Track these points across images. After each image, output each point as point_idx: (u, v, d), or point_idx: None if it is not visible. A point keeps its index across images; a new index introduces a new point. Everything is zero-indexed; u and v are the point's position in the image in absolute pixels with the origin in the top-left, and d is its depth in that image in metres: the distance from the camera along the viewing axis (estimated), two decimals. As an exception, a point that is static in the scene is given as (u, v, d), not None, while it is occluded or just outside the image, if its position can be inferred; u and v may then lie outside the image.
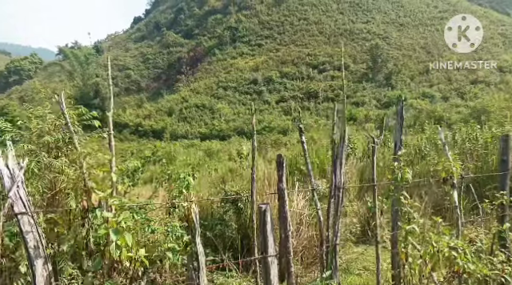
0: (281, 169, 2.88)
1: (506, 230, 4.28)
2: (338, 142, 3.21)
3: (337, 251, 3.26)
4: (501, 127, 8.87)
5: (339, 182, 3.20)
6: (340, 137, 3.21)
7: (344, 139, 3.18)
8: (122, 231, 2.06)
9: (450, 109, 44.67)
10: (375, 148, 3.38)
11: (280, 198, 2.94)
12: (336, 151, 3.20)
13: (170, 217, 4.70)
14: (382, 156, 9.36)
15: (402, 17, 72.73)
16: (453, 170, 3.74)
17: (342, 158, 3.19)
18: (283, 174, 2.88)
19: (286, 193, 2.90)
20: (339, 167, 3.18)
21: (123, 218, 2.02)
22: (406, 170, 3.11)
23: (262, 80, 63.93)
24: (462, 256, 3.52)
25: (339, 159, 3.18)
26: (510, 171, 4.46)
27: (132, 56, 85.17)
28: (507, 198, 4.27)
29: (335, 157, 3.20)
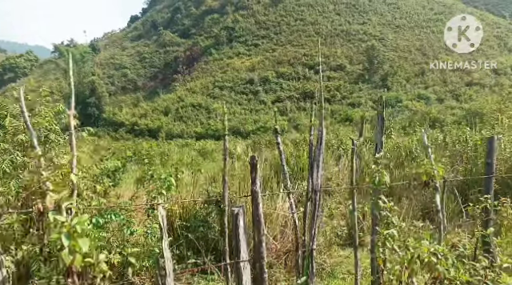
0: (254, 171, 2.79)
1: (489, 234, 4.19)
2: (316, 144, 3.12)
3: (313, 256, 3.17)
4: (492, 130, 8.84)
5: (316, 185, 3.11)
6: (318, 138, 3.12)
7: (322, 141, 3.10)
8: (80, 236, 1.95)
9: (444, 111, 44.70)
10: (354, 150, 3.30)
11: (253, 201, 2.85)
12: (314, 153, 3.12)
13: (149, 218, 4.59)
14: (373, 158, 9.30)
15: (398, 18, 72.89)
16: (434, 173, 3.65)
17: (320, 160, 3.10)
18: (256, 177, 2.79)
19: (259, 196, 2.81)
20: (316, 170, 3.10)
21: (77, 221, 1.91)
22: (383, 173, 3.02)
23: (258, 80, 63.90)
24: (443, 262, 3.43)
25: (316, 162, 3.10)
26: (494, 174, 4.38)
27: (129, 55, 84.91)
28: (491, 202, 4.19)
29: (312, 159, 3.12)
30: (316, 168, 3.10)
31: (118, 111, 61.88)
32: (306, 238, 3.21)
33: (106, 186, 4.86)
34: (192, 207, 5.45)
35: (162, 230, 2.50)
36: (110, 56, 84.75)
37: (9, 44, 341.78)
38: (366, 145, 12.24)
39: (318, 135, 3.10)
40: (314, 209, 3.11)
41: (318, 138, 3.10)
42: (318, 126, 3.34)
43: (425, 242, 3.46)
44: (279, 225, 5.58)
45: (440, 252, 3.41)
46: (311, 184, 3.13)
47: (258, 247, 2.84)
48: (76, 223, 1.95)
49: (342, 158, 11.61)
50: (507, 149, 7.82)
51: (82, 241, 1.95)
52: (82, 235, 2.00)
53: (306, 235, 3.21)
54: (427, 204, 7.62)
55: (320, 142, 3.09)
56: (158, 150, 28.46)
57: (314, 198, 3.10)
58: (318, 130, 3.11)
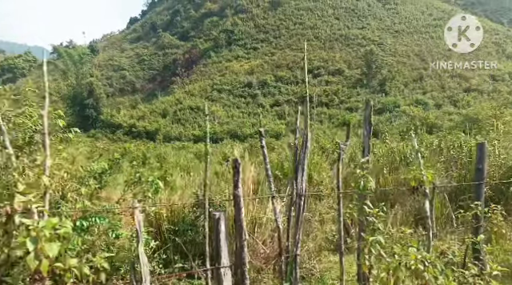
0: (237, 174, 2.73)
1: (480, 241, 4.13)
2: (301, 148, 3.06)
3: (297, 262, 3.10)
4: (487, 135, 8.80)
5: (301, 189, 3.05)
6: (302, 142, 3.06)
7: (307, 144, 3.04)
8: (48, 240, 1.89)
9: (442, 116, 44.74)
10: (341, 154, 3.24)
11: (235, 206, 2.79)
12: (298, 157, 3.06)
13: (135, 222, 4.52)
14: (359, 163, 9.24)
15: (397, 24, 73.05)
16: (423, 178, 3.60)
17: (304, 164, 3.04)
18: (239, 180, 2.73)
19: (241, 200, 2.75)
20: (301, 174, 3.03)
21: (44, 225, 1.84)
22: (368, 178, 2.96)
23: (256, 83, 63.87)
24: (430, 269, 3.37)
25: (301, 165, 3.03)
26: (485, 181, 4.33)
27: (127, 57, 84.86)
28: (481, 208, 4.13)
29: (297, 163, 3.05)
30: (300, 172, 3.04)
31: (115, 113, 61.72)
32: (289, 243, 3.15)
33: (92, 189, 4.78)
34: (180, 211, 5.38)
35: (137, 235, 2.44)
36: (108, 57, 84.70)
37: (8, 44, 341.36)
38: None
39: (303, 139, 3.04)
40: (298, 213, 3.04)
41: (303, 141, 3.04)
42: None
43: (412, 249, 3.40)
44: (269, 229, 5.52)
45: (427, 259, 3.35)
46: (295, 188, 3.06)
47: (239, 253, 2.78)
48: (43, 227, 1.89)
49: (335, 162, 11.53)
50: (501, 155, 7.77)
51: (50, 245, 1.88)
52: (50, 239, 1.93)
53: (289, 240, 3.15)
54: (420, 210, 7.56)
55: (305, 145, 3.03)
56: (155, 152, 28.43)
57: (298, 202, 3.03)
58: (303, 133, 3.05)
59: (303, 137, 3.05)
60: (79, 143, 39.64)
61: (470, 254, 4.35)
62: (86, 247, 4.35)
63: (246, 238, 2.78)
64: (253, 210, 5.63)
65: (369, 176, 2.92)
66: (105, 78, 77.09)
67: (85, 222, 4.25)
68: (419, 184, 3.62)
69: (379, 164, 8.99)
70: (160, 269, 4.92)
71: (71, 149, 14.77)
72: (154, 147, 37.13)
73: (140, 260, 2.46)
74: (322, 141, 13.29)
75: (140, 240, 2.45)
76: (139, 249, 2.45)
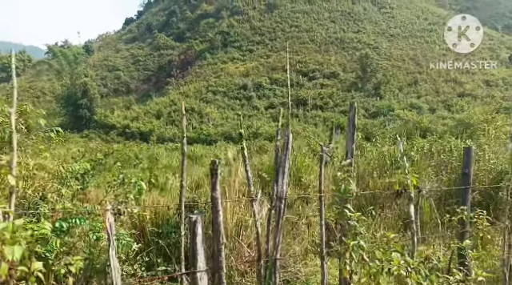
0: (215, 176, 2.66)
1: (465, 247, 4.08)
2: (282, 150, 3.00)
3: (277, 266, 3.03)
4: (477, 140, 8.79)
5: (281, 192, 2.98)
6: (284, 144, 3.00)
7: (288, 147, 2.98)
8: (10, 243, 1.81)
9: (436, 121, 44.87)
10: (323, 157, 3.18)
11: (213, 208, 2.72)
12: (279, 159, 2.99)
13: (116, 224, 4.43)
14: (356, 166, 9.19)
15: (393, 28, 73.37)
16: (408, 182, 3.55)
17: (285, 166, 2.98)
18: (217, 182, 2.66)
19: (219, 203, 2.68)
20: (281, 176, 2.97)
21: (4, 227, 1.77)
22: (349, 181, 2.90)
23: (251, 86, 63.82)
24: (414, 275, 3.31)
25: (282, 168, 2.97)
26: (471, 185, 4.29)
27: (122, 57, 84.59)
28: (467, 213, 4.09)
29: (278, 165, 2.99)
30: (281, 174, 2.97)
31: (109, 114, 61.43)
32: (269, 246, 3.08)
33: (74, 190, 4.69)
34: (165, 213, 5.30)
35: (109, 238, 2.36)
36: (103, 58, 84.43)
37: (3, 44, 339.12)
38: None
39: (285, 141, 2.97)
40: (278, 217, 2.98)
41: (285, 143, 2.98)
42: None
43: (396, 255, 3.35)
44: (254, 232, 5.44)
45: (411, 265, 3.30)
46: (276, 191, 3.00)
47: (216, 257, 2.71)
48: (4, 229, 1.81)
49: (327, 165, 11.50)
50: (491, 160, 7.76)
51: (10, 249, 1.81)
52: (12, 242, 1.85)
53: (269, 244, 3.08)
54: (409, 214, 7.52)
55: (286, 148, 2.97)
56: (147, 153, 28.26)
57: (278, 205, 2.97)
58: (285, 135, 2.99)
59: (285, 139, 2.99)
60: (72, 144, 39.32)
61: (455, 259, 4.31)
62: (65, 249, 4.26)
63: (224, 241, 2.71)
64: (239, 212, 5.57)
65: (350, 179, 2.86)
66: (99, 78, 76.81)
67: (64, 223, 4.16)
68: (403, 188, 3.57)
69: (369, 167, 8.95)
70: (142, 272, 4.84)
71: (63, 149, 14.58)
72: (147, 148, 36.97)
73: (111, 264, 2.38)
74: (313, 143, 13.24)
75: (111, 243, 2.37)
76: (110, 252, 2.37)
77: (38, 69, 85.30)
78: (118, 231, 4.43)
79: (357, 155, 10.91)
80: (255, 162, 15.60)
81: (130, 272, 4.51)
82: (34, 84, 77.71)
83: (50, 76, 79.41)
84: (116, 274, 2.39)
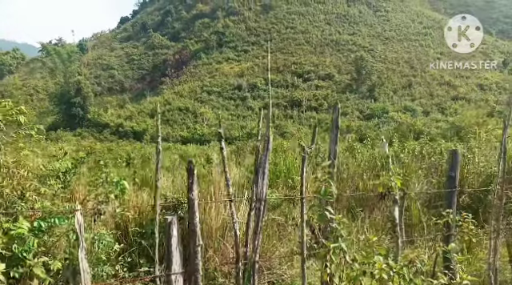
0: (191, 177, 2.59)
1: (450, 250, 4.03)
2: (262, 150, 2.93)
3: (255, 270, 2.97)
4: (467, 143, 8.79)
5: (260, 193, 2.92)
6: (264, 144, 2.93)
7: (268, 147, 2.91)
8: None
9: (430, 123, 45.05)
10: (305, 158, 3.12)
11: (189, 209, 2.65)
12: (259, 160, 2.93)
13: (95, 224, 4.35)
14: (347, 167, 9.15)
15: (388, 31, 73.64)
16: (392, 184, 3.49)
17: (266, 167, 2.91)
18: (194, 183, 2.59)
19: (195, 204, 2.61)
20: (261, 177, 2.91)
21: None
22: (330, 182, 2.84)
23: (246, 86, 63.77)
24: (396, 278, 3.25)
25: (262, 169, 2.90)
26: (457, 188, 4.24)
27: (117, 56, 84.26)
28: (453, 216, 4.04)
29: (257, 166, 2.92)
30: (261, 176, 2.91)
31: (103, 112, 61.12)
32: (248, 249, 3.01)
33: (55, 188, 4.59)
34: (149, 213, 5.20)
35: (78, 239, 2.29)
36: (97, 56, 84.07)
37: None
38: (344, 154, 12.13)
39: (265, 141, 2.91)
40: (257, 218, 2.91)
41: (265, 144, 2.91)
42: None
43: (378, 258, 3.29)
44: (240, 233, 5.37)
45: (393, 268, 3.24)
46: (255, 192, 2.93)
47: (192, 259, 2.63)
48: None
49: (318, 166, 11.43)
50: (481, 163, 7.74)
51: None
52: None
53: (248, 247, 3.02)
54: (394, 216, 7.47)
55: (266, 148, 2.91)
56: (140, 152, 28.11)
57: (257, 207, 2.90)
58: (265, 135, 2.93)
59: (265, 139, 2.93)
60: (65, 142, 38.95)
61: (440, 263, 4.26)
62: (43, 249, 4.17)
63: (201, 243, 2.64)
64: (224, 213, 5.49)
65: (330, 181, 2.80)
66: (93, 76, 76.47)
67: (43, 222, 4.06)
68: (387, 190, 3.52)
69: (360, 169, 8.90)
70: (124, 272, 4.74)
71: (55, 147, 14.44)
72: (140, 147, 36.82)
73: (80, 266, 2.30)
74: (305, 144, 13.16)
75: (80, 245, 2.29)
76: (79, 254, 2.29)
77: (31, 67, 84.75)
78: (99, 231, 4.35)
79: (347, 157, 10.88)
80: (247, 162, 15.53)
81: (110, 273, 4.42)
82: (28, 82, 77.20)
83: (43, 74, 78.97)
84: (86, 276, 2.31)
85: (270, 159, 2.89)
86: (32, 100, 72.46)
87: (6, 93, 66.70)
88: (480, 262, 5.59)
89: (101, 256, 4.34)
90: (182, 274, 2.60)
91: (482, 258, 5.83)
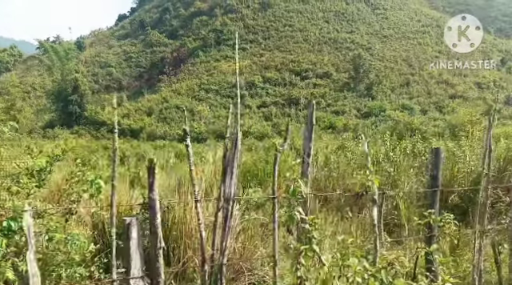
0: (152, 176, 2.47)
1: (432, 252, 3.92)
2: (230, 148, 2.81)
3: (223, 273, 2.85)
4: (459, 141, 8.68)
5: (229, 193, 2.80)
6: (232, 141, 2.81)
7: (237, 144, 2.79)
8: None
9: (427, 122, 44.99)
10: (277, 156, 3.00)
11: (150, 210, 2.53)
12: (227, 158, 2.81)
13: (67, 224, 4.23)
14: (337, 165, 9.04)
15: (386, 29, 73.49)
16: (370, 184, 3.37)
17: (234, 165, 2.79)
18: (154, 182, 2.47)
19: (157, 204, 2.49)
20: (229, 176, 2.79)
21: None
22: (299, 182, 2.72)
23: (244, 84, 63.58)
24: (372, 282, 3.14)
25: (230, 167, 2.79)
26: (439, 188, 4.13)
27: (114, 53, 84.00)
28: (435, 217, 3.92)
29: (225, 164, 2.81)
30: (229, 174, 2.79)
31: (100, 110, 60.93)
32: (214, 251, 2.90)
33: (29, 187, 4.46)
34: (128, 212, 5.09)
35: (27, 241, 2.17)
36: (95, 54, 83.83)
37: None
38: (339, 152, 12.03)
39: (233, 138, 2.79)
40: (225, 219, 2.80)
41: (233, 142, 2.80)
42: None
43: (353, 260, 3.18)
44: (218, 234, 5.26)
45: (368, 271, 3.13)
46: (223, 191, 2.82)
47: (154, 262, 2.52)
48: None
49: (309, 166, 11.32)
50: (472, 162, 7.62)
51: None
52: None
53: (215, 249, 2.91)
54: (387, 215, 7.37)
55: (235, 146, 2.79)
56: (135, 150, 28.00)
57: (225, 207, 2.79)
58: (233, 132, 2.81)
59: (233, 137, 2.81)
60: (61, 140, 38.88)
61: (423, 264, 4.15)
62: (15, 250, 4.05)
63: (162, 246, 2.53)
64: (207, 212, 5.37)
65: (300, 180, 2.68)
66: (91, 74, 76.24)
67: (13, 222, 3.94)
68: (365, 190, 3.40)
69: (350, 168, 8.80)
70: (100, 274, 4.62)
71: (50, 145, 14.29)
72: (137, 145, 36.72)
73: (29, 269, 2.18)
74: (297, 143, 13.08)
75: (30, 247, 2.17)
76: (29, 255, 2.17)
77: (28, 64, 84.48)
78: (71, 232, 4.23)
79: (339, 155, 10.76)
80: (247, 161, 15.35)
81: (84, 274, 4.29)
82: (25, 79, 76.93)
83: (40, 71, 78.71)
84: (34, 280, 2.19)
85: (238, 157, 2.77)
86: (29, 97, 72.25)
87: (2, 90, 66.40)
88: (467, 263, 5.49)
89: (74, 257, 4.22)
90: (142, 279, 2.48)
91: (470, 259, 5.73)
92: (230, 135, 2.84)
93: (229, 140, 2.81)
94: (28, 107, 63.23)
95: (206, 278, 2.77)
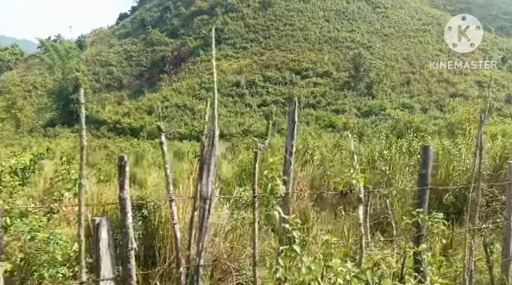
0: (122, 174, 2.39)
1: (421, 251, 3.83)
2: (208, 145, 2.73)
3: (200, 274, 2.77)
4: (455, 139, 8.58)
5: (206, 191, 2.72)
6: (209, 138, 2.73)
7: (214, 142, 2.71)
8: None
9: (428, 120, 44.86)
10: (258, 154, 2.91)
11: (121, 210, 2.45)
12: (204, 155, 2.73)
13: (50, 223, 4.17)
14: (332, 164, 8.96)
15: (387, 27, 73.24)
16: (354, 182, 3.29)
17: (211, 163, 2.71)
18: (125, 181, 2.39)
19: (128, 204, 2.41)
20: (206, 174, 2.71)
21: None
22: (276, 180, 2.64)
23: (244, 83, 63.49)
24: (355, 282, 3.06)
25: (207, 165, 2.70)
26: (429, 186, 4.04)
27: (115, 52, 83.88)
28: (423, 216, 3.83)
29: (203, 162, 2.72)
30: (206, 172, 2.71)
31: (100, 109, 60.92)
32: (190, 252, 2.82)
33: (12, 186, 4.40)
34: (113, 212, 5.01)
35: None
36: (96, 53, 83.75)
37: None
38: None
39: (210, 135, 2.71)
40: (202, 219, 2.71)
41: (210, 139, 2.71)
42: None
43: (335, 261, 3.10)
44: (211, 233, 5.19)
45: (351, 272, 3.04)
46: (200, 190, 2.73)
47: (125, 264, 2.44)
48: None
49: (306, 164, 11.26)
50: (467, 160, 7.53)
51: None
52: None
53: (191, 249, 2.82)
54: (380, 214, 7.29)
55: (212, 143, 2.70)
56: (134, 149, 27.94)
57: (202, 206, 2.70)
58: (210, 129, 2.73)
59: (210, 133, 2.73)
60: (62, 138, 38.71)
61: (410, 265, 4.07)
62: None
63: (134, 247, 2.44)
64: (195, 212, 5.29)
65: (277, 179, 2.60)
66: (92, 73, 76.17)
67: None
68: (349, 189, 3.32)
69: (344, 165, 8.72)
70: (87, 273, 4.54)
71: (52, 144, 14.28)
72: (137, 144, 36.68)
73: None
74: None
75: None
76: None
77: (29, 63, 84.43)
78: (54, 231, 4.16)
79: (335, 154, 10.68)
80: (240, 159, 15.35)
81: (67, 274, 4.23)
82: (26, 78, 76.84)
83: (41, 70, 78.66)
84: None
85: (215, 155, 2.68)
86: (30, 96, 72.19)
87: (4, 89, 66.40)
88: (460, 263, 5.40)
89: (56, 257, 4.16)
90: (112, 280, 2.40)
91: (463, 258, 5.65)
92: (208, 132, 2.75)
93: (206, 137, 2.73)
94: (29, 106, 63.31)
95: (181, 280, 2.69)
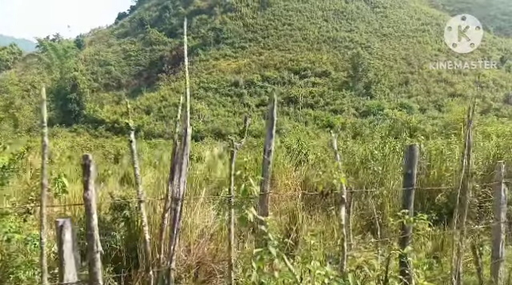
0: (87, 174, 2.30)
1: (406, 254, 3.74)
2: (180, 144, 2.64)
3: (171, 279, 2.68)
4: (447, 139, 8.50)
5: (177, 192, 2.63)
6: (181, 137, 2.64)
7: (186, 141, 2.62)
8: None
9: (426, 120, 44.75)
10: (234, 153, 2.82)
11: (86, 211, 2.36)
12: (176, 155, 2.64)
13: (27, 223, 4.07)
14: (323, 164, 8.87)
15: (385, 27, 73.18)
16: (334, 182, 3.20)
17: (183, 163, 2.62)
18: (89, 181, 2.30)
19: (93, 205, 2.32)
20: (178, 174, 2.62)
21: None
22: (249, 181, 2.55)
23: (243, 83, 63.42)
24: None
25: (178, 165, 2.61)
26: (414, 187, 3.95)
27: (114, 52, 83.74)
28: (408, 217, 3.74)
29: (174, 161, 2.63)
30: (177, 172, 2.61)
31: (99, 108, 60.80)
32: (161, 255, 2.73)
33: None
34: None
35: None
36: (94, 52, 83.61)
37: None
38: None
39: (182, 134, 2.62)
40: (173, 221, 2.62)
41: (182, 137, 2.62)
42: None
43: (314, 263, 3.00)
44: (195, 235, 5.10)
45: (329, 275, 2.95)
46: (171, 191, 2.64)
47: (91, 267, 2.34)
48: None
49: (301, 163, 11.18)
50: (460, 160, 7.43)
51: None
52: None
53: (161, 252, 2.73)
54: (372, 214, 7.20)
55: (184, 142, 2.61)
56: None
57: (173, 207, 2.61)
58: (182, 128, 2.63)
59: (182, 132, 2.64)
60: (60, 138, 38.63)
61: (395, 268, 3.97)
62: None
63: (99, 250, 2.35)
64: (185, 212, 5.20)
65: (251, 179, 2.51)
66: (90, 72, 76.03)
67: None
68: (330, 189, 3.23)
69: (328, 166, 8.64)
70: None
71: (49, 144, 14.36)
72: (135, 144, 36.47)
73: None
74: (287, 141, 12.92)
75: None
76: None
77: (27, 62, 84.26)
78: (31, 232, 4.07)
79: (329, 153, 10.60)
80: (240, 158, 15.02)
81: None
82: (24, 77, 76.67)
83: (40, 69, 78.52)
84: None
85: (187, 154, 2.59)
86: (29, 95, 71.98)
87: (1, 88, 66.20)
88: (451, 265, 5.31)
89: (34, 259, 4.06)
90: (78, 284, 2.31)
91: (453, 260, 5.56)
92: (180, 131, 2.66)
93: (178, 136, 2.64)
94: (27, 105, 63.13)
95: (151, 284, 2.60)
